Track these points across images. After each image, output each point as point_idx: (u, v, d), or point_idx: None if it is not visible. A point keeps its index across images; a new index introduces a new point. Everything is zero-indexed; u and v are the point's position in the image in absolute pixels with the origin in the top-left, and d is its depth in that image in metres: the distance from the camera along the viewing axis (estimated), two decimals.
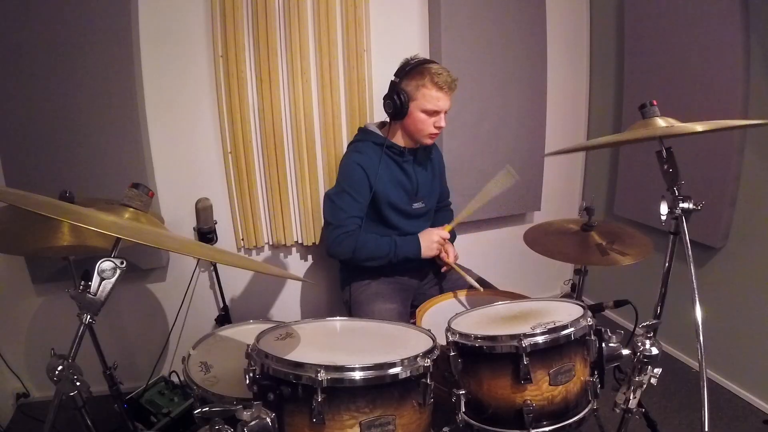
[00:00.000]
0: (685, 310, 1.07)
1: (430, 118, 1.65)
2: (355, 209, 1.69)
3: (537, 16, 2.41)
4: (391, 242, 1.71)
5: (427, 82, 1.60)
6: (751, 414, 1.95)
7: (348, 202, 1.68)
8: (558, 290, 2.94)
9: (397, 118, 1.68)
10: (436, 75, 1.60)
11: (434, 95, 1.61)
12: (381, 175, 1.71)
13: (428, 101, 1.62)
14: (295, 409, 0.96)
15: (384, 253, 1.70)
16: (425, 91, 1.61)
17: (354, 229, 1.68)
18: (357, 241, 1.67)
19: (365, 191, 1.70)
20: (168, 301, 2.17)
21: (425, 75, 1.61)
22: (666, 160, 1.12)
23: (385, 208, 1.76)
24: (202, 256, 1.14)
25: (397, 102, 1.63)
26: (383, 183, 1.72)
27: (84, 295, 0.89)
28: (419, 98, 1.63)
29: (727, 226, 2.02)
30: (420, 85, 1.61)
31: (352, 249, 1.67)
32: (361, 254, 1.68)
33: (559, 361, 1.09)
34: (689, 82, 2.05)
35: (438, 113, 1.65)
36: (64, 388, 0.92)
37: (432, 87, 1.60)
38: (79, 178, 1.81)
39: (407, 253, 1.72)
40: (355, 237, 1.67)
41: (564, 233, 1.60)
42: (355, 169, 1.69)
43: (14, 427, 1.98)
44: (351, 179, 1.69)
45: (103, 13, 1.72)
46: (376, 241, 1.71)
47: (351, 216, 1.68)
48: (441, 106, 1.64)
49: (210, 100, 2.02)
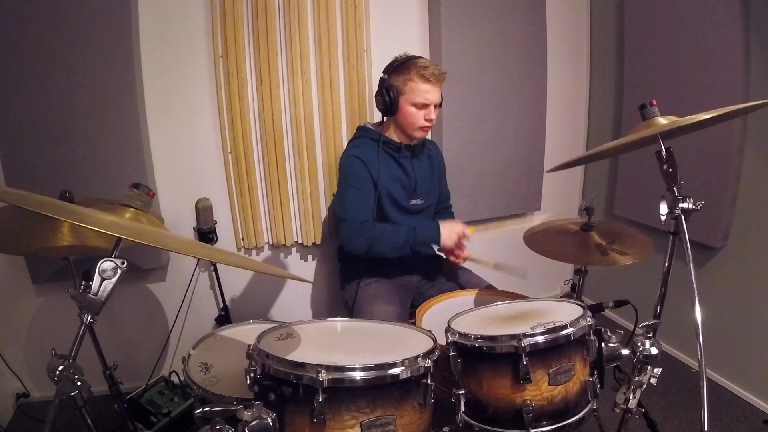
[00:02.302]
0: (685, 310, 1.07)
1: (420, 111, 1.67)
2: (362, 201, 1.69)
3: (537, 16, 2.41)
4: (410, 228, 1.69)
5: (413, 76, 1.64)
6: (751, 414, 1.95)
7: (354, 196, 1.69)
8: (558, 290, 2.94)
9: (388, 113, 1.71)
10: (422, 68, 1.63)
11: (422, 88, 1.64)
12: (380, 170, 1.71)
13: (417, 94, 1.65)
14: (296, 409, 0.96)
15: (403, 241, 1.67)
16: (413, 84, 1.64)
17: (365, 221, 1.68)
18: (373, 233, 1.67)
19: (368, 183, 1.70)
20: (168, 301, 2.17)
21: (411, 69, 1.64)
22: (666, 160, 1.12)
23: (384, 202, 1.76)
24: (202, 256, 1.14)
25: (387, 98, 1.66)
26: (382, 177, 1.73)
27: (84, 295, 0.89)
28: (408, 92, 1.66)
29: (727, 226, 2.02)
30: (407, 79, 1.65)
31: (368, 241, 1.66)
32: (379, 245, 1.67)
33: (558, 361, 1.09)
34: (689, 82, 2.06)
35: (427, 106, 1.67)
36: (64, 388, 0.92)
37: (419, 80, 1.64)
38: (79, 178, 1.81)
39: (427, 239, 1.69)
40: (370, 229, 1.67)
41: (564, 233, 1.60)
42: (355, 163, 1.70)
43: (14, 427, 1.98)
44: (353, 173, 1.70)
45: (103, 13, 1.72)
46: (393, 229, 1.70)
47: (360, 208, 1.69)
48: (430, 99, 1.66)
49: (210, 100, 2.02)
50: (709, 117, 1.05)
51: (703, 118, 1.05)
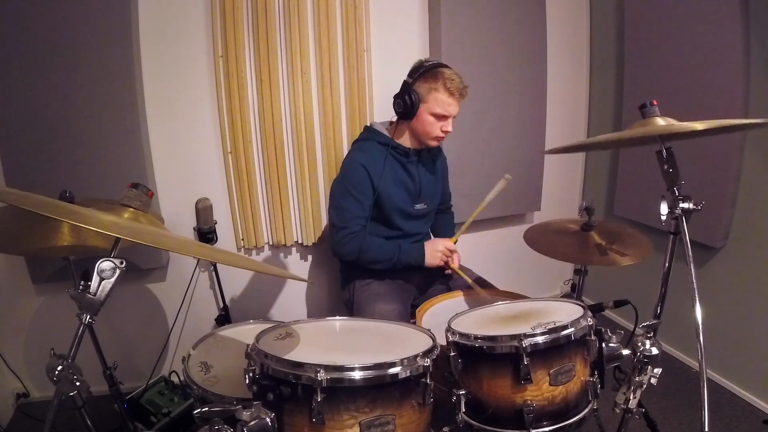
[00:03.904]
0: (685, 310, 1.07)
1: (438, 121, 1.67)
2: (358, 210, 1.69)
3: (537, 16, 2.41)
4: (396, 247, 1.71)
5: (440, 86, 1.62)
6: (751, 414, 1.95)
7: (352, 204, 1.69)
8: (558, 290, 2.94)
9: (405, 117, 1.69)
10: (449, 80, 1.61)
11: (446, 100, 1.63)
12: (385, 175, 1.71)
13: (439, 105, 1.63)
14: (295, 408, 0.96)
15: (388, 257, 1.70)
16: (437, 95, 1.63)
17: (358, 231, 1.69)
18: (362, 243, 1.68)
19: (368, 192, 1.70)
20: (168, 301, 2.17)
21: (438, 79, 1.62)
22: (666, 160, 1.12)
23: (387, 207, 1.76)
24: (202, 256, 1.14)
25: (408, 102, 1.64)
26: (387, 183, 1.73)
27: (84, 295, 0.89)
28: (430, 101, 1.64)
29: (727, 226, 2.02)
30: (433, 88, 1.63)
31: (357, 251, 1.67)
32: (365, 256, 1.69)
33: (559, 361, 1.09)
34: (689, 82, 2.05)
35: (446, 118, 1.67)
36: (63, 388, 0.92)
37: (444, 92, 1.62)
38: (79, 178, 1.81)
39: (411, 260, 1.72)
40: (360, 239, 1.68)
41: (564, 233, 1.60)
42: (358, 170, 1.69)
43: (14, 427, 1.98)
44: (354, 180, 1.69)
45: (103, 13, 1.72)
46: (381, 245, 1.72)
47: (355, 217, 1.69)
48: (450, 112, 1.66)
49: (210, 100, 2.02)
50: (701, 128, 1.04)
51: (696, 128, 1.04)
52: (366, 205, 1.71)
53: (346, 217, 1.69)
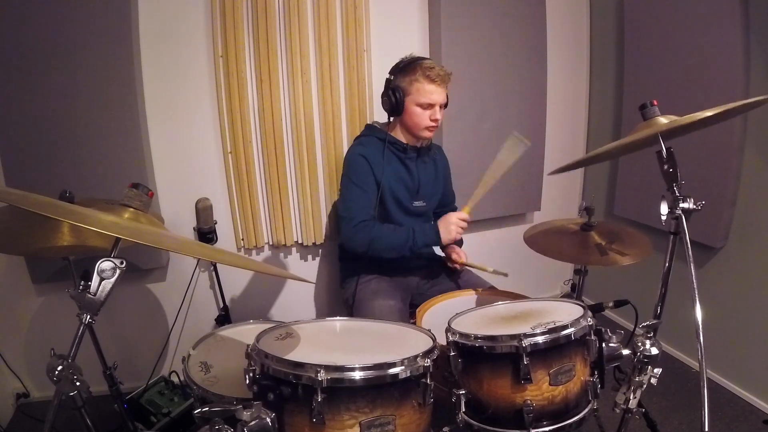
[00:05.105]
0: (685, 310, 1.07)
1: (425, 111, 1.69)
2: (363, 200, 1.70)
3: (537, 16, 2.41)
4: (409, 231, 1.69)
5: (419, 77, 1.65)
6: (751, 414, 1.95)
7: (357, 194, 1.70)
8: (558, 290, 2.94)
9: (394, 113, 1.73)
10: (428, 69, 1.65)
11: (428, 88, 1.66)
12: (384, 169, 1.72)
13: (422, 95, 1.66)
14: (295, 409, 0.96)
15: (402, 242, 1.67)
16: (419, 85, 1.66)
17: (366, 220, 1.69)
18: (372, 232, 1.67)
19: (371, 181, 1.72)
20: (168, 301, 2.17)
21: (417, 70, 1.66)
22: (666, 160, 1.12)
23: (387, 201, 1.77)
24: (202, 256, 1.14)
25: (393, 98, 1.68)
26: (386, 177, 1.74)
27: (84, 295, 0.89)
28: (414, 92, 1.67)
29: (727, 226, 2.02)
30: (413, 80, 1.66)
31: (368, 240, 1.66)
32: (378, 245, 1.67)
33: (559, 361, 1.09)
34: (689, 82, 2.05)
35: (433, 106, 1.69)
36: (63, 388, 0.92)
37: (425, 81, 1.65)
38: (79, 178, 1.81)
39: (427, 240, 1.69)
40: (369, 227, 1.68)
41: (564, 233, 1.60)
42: (359, 161, 1.71)
43: (14, 427, 1.98)
44: (356, 171, 1.71)
45: (103, 13, 1.72)
46: (393, 230, 1.71)
47: (361, 207, 1.70)
48: (435, 99, 1.67)
49: (210, 100, 2.02)
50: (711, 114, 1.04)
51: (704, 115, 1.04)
52: (371, 195, 1.71)
53: (351, 208, 1.70)
